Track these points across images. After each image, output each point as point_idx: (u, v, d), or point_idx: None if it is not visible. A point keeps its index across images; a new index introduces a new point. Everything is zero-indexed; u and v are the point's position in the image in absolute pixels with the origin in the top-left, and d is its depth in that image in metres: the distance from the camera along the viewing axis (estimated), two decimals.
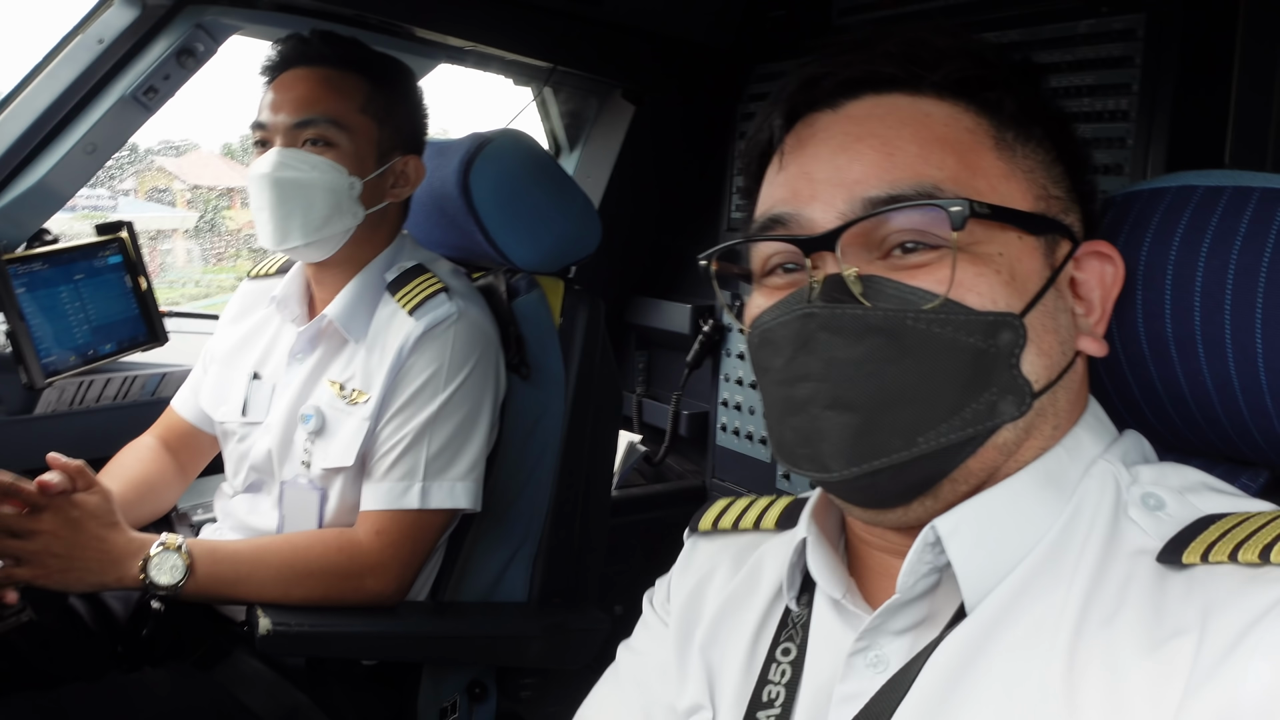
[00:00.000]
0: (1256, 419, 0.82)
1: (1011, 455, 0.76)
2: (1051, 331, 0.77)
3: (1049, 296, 0.77)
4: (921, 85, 0.80)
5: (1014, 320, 0.74)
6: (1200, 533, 0.69)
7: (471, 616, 1.87)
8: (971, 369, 0.73)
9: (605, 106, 2.92)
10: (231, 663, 1.74)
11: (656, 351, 3.14)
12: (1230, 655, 0.61)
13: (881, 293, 0.74)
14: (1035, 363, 0.75)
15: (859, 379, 0.74)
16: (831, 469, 0.75)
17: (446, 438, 1.75)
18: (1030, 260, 0.77)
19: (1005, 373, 0.74)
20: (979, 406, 0.73)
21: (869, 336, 0.74)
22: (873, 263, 0.76)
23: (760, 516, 1.01)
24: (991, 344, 0.73)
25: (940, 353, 0.73)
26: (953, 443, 0.73)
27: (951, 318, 0.73)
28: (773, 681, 0.85)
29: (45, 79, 2.03)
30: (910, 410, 0.73)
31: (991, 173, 0.77)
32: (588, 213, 2.04)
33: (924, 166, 0.76)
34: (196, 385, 2.03)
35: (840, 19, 2.55)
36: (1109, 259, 0.82)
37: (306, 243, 1.76)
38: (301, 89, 1.76)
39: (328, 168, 1.74)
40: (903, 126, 0.78)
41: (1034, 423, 0.76)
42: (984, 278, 0.74)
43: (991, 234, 0.75)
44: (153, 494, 1.92)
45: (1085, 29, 2.03)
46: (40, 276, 2.02)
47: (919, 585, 0.76)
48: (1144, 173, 1.95)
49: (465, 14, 2.33)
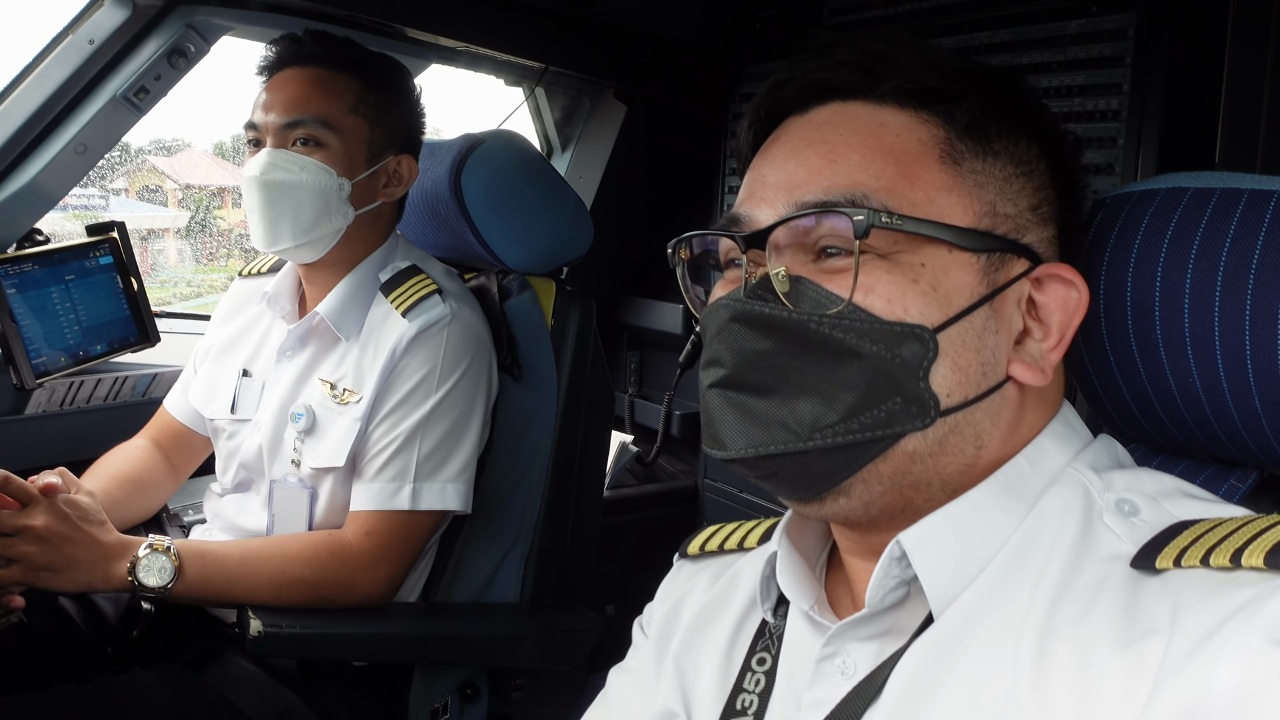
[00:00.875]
0: (1245, 420, 0.83)
1: (926, 465, 0.76)
2: (973, 350, 0.76)
3: (978, 315, 0.76)
4: (880, 94, 0.80)
5: (923, 333, 0.74)
6: (1174, 538, 0.69)
7: (463, 617, 1.87)
8: (873, 375, 0.74)
9: (597, 107, 2.92)
10: (222, 664, 1.74)
11: (648, 352, 3.14)
12: (1198, 653, 0.61)
13: (802, 294, 0.76)
14: (948, 378, 0.75)
15: (760, 368, 0.77)
16: (728, 448, 0.78)
17: (438, 439, 1.75)
18: (960, 275, 0.76)
19: (912, 383, 0.74)
20: (879, 413, 0.74)
21: (774, 334, 0.76)
22: (806, 265, 0.78)
23: (744, 538, 1.03)
24: (896, 354, 0.74)
25: (840, 356, 0.74)
26: (850, 443, 0.74)
27: (854, 324, 0.74)
28: (747, 690, 0.86)
29: (36, 79, 2.03)
30: (806, 405, 0.75)
31: (931, 185, 0.77)
32: (579, 213, 2.04)
33: (862, 175, 0.77)
34: (187, 384, 2.03)
35: (831, 19, 2.56)
36: (1072, 285, 0.80)
37: (296, 244, 1.76)
38: (292, 89, 1.76)
39: (316, 169, 1.73)
40: (853, 134, 0.79)
41: (947, 438, 0.76)
42: (897, 285, 0.75)
43: (916, 245, 0.75)
44: (140, 493, 1.92)
45: (1076, 29, 2.03)
46: (31, 277, 2.01)
47: (888, 599, 0.77)
48: (1135, 172, 1.95)
49: (457, 14, 2.33)
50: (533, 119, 2.99)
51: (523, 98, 2.82)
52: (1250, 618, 0.61)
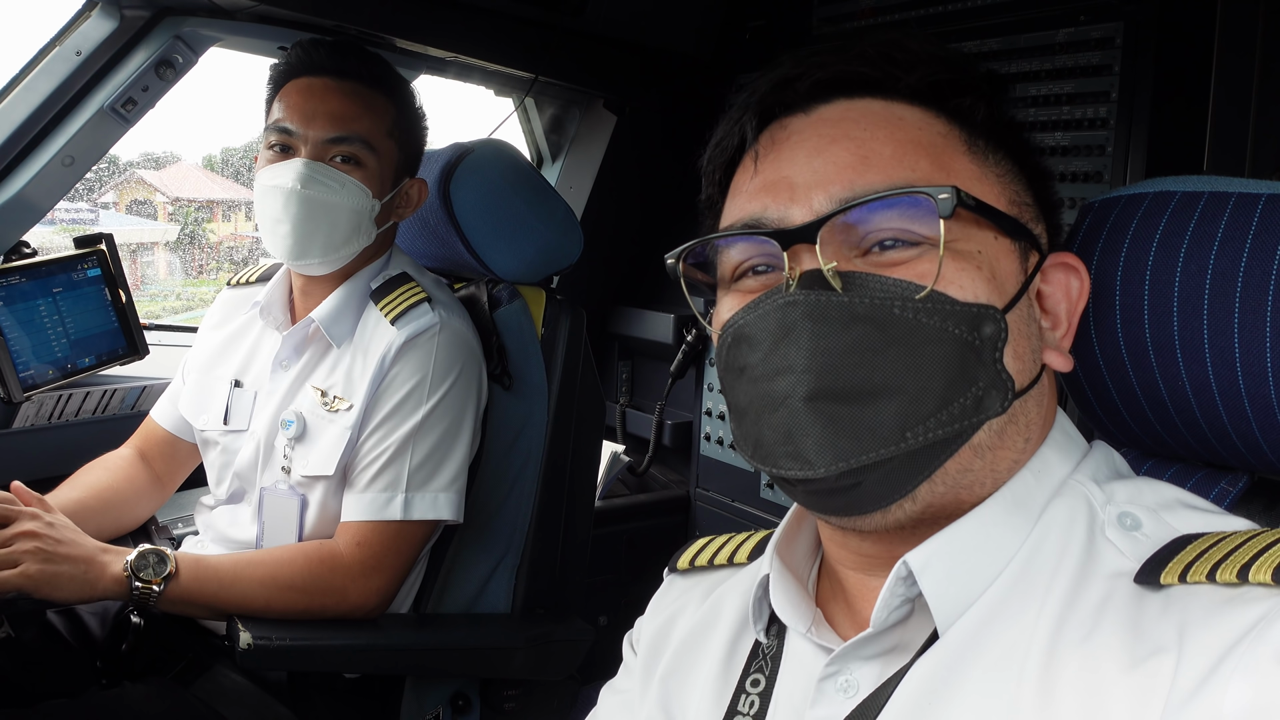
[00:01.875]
0: (1235, 423, 0.82)
1: (985, 460, 0.75)
2: (1025, 337, 0.77)
3: (1024, 302, 0.77)
4: (894, 89, 0.80)
5: (996, 314, 0.74)
6: (1177, 553, 0.68)
7: (454, 628, 1.86)
8: (959, 361, 0.72)
9: (587, 117, 2.93)
10: (212, 677, 1.73)
11: (640, 361, 3.13)
12: (1211, 677, 0.61)
13: (863, 287, 0.73)
14: (1012, 364, 0.75)
15: (844, 369, 0.72)
16: (816, 465, 0.72)
17: (429, 449, 1.74)
18: (1008, 261, 0.77)
19: (990, 366, 0.73)
20: (966, 401, 0.72)
21: (855, 325, 0.72)
22: (852, 260, 0.76)
23: (734, 552, 1.01)
24: (976, 335, 0.73)
25: (928, 343, 0.72)
26: (940, 439, 0.72)
27: (938, 307, 0.72)
28: (741, 713, 0.85)
29: (23, 91, 2.02)
30: (898, 402, 0.71)
31: (965, 175, 0.77)
32: (570, 223, 2.04)
33: (898, 169, 0.75)
34: (175, 394, 2.02)
35: (819, 29, 2.56)
36: (1075, 271, 0.81)
37: (323, 260, 1.76)
38: (336, 103, 1.74)
39: (355, 188, 1.74)
40: (877, 129, 0.78)
41: (1007, 428, 0.75)
42: (966, 273, 0.74)
43: (970, 231, 0.75)
44: (120, 503, 1.91)
45: (1064, 38, 2.04)
46: (18, 290, 2.00)
47: (892, 617, 0.76)
48: (1124, 179, 1.96)
49: (446, 25, 2.33)
50: (523, 129, 2.99)
51: (513, 107, 2.82)
52: (1260, 638, 0.61)
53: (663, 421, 2.93)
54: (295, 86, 1.76)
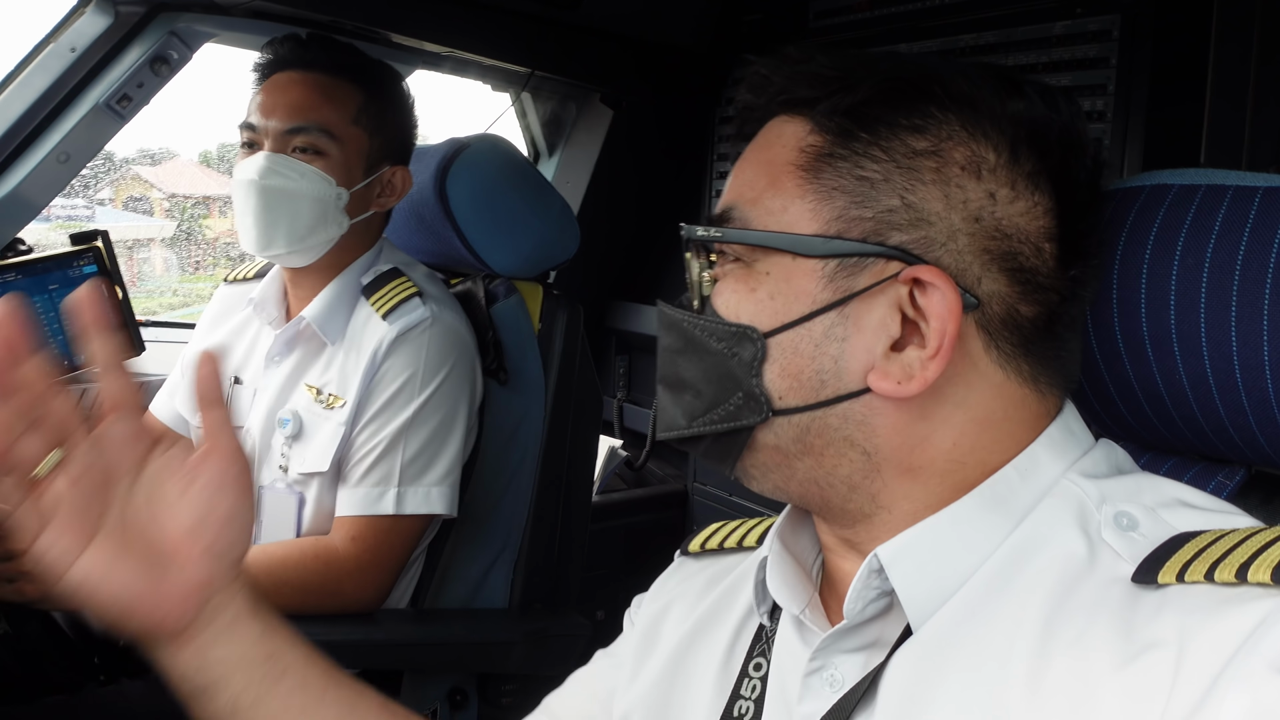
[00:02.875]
0: (1232, 416, 0.82)
1: (806, 463, 0.79)
2: (806, 357, 0.75)
3: (818, 322, 0.75)
4: (775, 106, 0.83)
5: (752, 334, 0.77)
6: (1175, 551, 0.68)
7: (452, 623, 1.87)
8: (723, 371, 0.79)
9: (583, 111, 2.92)
10: None
11: (637, 356, 3.13)
12: (1212, 686, 0.60)
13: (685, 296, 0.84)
14: (777, 382, 0.77)
15: (664, 362, 0.85)
16: (658, 431, 0.87)
17: (422, 443, 1.74)
18: (804, 281, 0.75)
19: (747, 380, 0.78)
20: (730, 406, 0.79)
21: (669, 331, 0.84)
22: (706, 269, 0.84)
23: (744, 537, 1.03)
24: (735, 352, 0.78)
25: (702, 352, 0.81)
26: (714, 432, 0.81)
27: (705, 325, 0.80)
28: (744, 697, 0.86)
29: (17, 87, 2.02)
30: (688, 395, 0.83)
31: (788, 192, 0.78)
32: (566, 217, 2.04)
33: (744, 188, 0.81)
34: (173, 389, 2.02)
35: (816, 21, 2.56)
36: (935, 286, 0.74)
37: (290, 250, 1.75)
38: (295, 94, 1.75)
39: (316, 177, 1.73)
40: (758, 150, 0.82)
41: (807, 440, 0.78)
42: (738, 294, 0.79)
43: (764, 254, 0.78)
44: None
45: (1061, 30, 2.04)
46: (14, 287, 1.99)
47: (867, 610, 0.76)
48: (1120, 172, 1.96)
49: (441, 19, 2.33)
50: (519, 123, 2.98)
51: (509, 102, 2.81)
52: (1258, 644, 0.60)
53: None
54: (264, 85, 1.78)
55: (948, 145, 0.76)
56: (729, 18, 2.75)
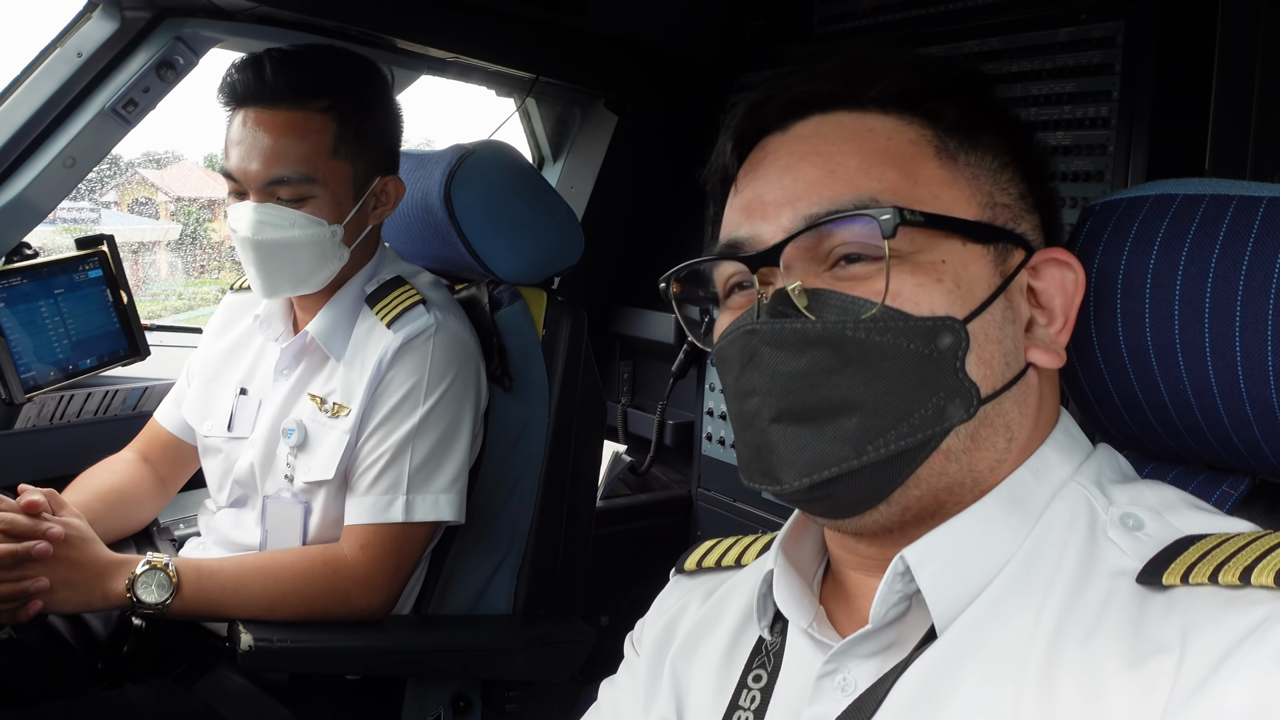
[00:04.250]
0: (1236, 426, 0.82)
1: (961, 463, 0.76)
2: (995, 341, 0.77)
3: (997, 305, 0.77)
4: (863, 101, 0.81)
5: (954, 324, 0.74)
6: (1180, 554, 0.69)
7: (456, 630, 1.87)
8: (916, 374, 0.74)
9: (588, 117, 2.93)
10: (214, 678, 1.73)
11: (641, 361, 3.14)
12: (1211, 678, 0.61)
13: (826, 304, 0.75)
14: (977, 370, 0.75)
15: (802, 390, 0.75)
16: (783, 481, 0.76)
17: (429, 450, 1.74)
18: (977, 267, 0.77)
19: (951, 376, 0.74)
20: (927, 412, 0.74)
21: (809, 349, 0.75)
22: (819, 276, 0.78)
23: (741, 554, 1.03)
24: (933, 348, 0.74)
25: (883, 360, 0.74)
26: (903, 449, 0.74)
27: (890, 324, 0.74)
28: (743, 708, 0.86)
29: (24, 92, 2.03)
30: (857, 419, 0.74)
31: (932, 181, 0.78)
32: (570, 223, 2.04)
33: (864, 180, 0.77)
34: (180, 396, 2.02)
35: (820, 28, 2.56)
36: (1068, 265, 0.81)
37: (296, 291, 1.78)
38: (266, 140, 1.68)
39: (307, 223, 1.71)
40: (845, 142, 0.79)
41: (980, 431, 0.76)
42: (924, 286, 0.75)
43: (934, 242, 0.76)
44: (124, 506, 1.90)
45: (1065, 37, 2.04)
46: (20, 291, 2.00)
47: (890, 613, 0.77)
48: (1125, 179, 1.96)
49: (447, 25, 2.33)
50: (524, 129, 2.99)
51: (514, 108, 2.82)
52: (1262, 639, 0.61)
53: (664, 421, 2.93)
54: (234, 123, 1.72)
55: (1018, 142, 0.84)
56: (733, 24, 2.76)
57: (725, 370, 0.81)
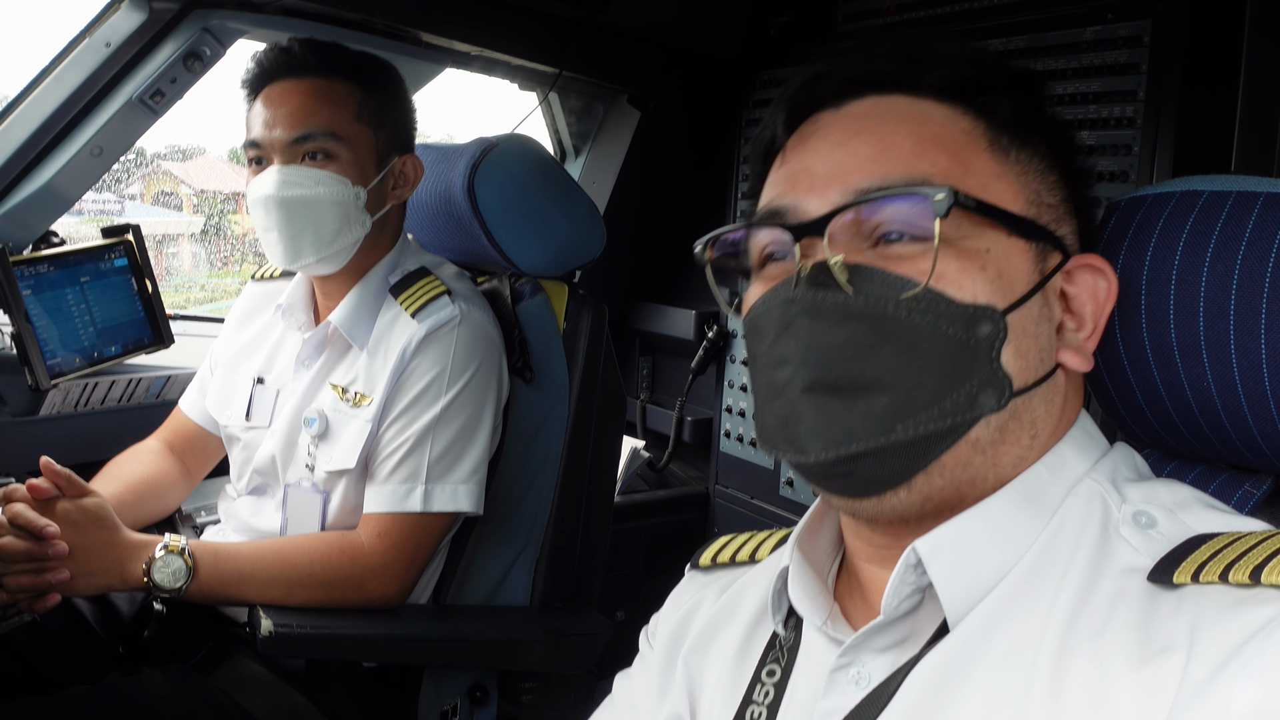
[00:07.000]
0: (1261, 425, 0.82)
1: (986, 456, 0.76)
2: (1031, 337, 0.77)
3: (1034, 302, 0.77)
4: (920, 86, 0.81)
5: (994, 314, 0.74)
6: (1191, 552, 0.69)
7: (473, 620, 1.87)
8: (952, 358, 0.73)
9: (611, 112, 2.93)
10: (231, 666, 1.74)
11: (660, 357, 3.14)
12: (1219, 674, 0.61)
13: (867, 280, 0.75)
14: (1012, 362, 0.75)
15: (837, 362, 0.74)
16: (808, 451, 0.75)
17: (449, 440, 1.75)
18: (1020, 261, 0.77)
19: (986, 365, 0.74)
20: (958, 398, 0.73)
21: (849, 322, 0.74)
22: (862, 251, 0.77)
23: (755, 550, 1.03)
24: (971, 335, 0.74)
25: (920, 341, 0.73)
26: (931, 432, 0.73)
27: (932, 306, 0.73)
28: (756, 702, 0.86)
29: (53, 82, 2.04)
30: (889, 397, 0.73)
31: (983, 172, 0.78)
32: (592, 218, 2.05)
33: (917, 162, 0.77)
34: (203, 386, 2.03)
35: (844, 25, 2.56)
36: (1101, 273, 0.81)
37: (319, 258, 1.76)
38: (293, 102, 1.73)
39: (332, 181, 1.73)
40: (900, 124, 0.79)
41: (1008, 425, 0.76)
42: (968, 272, 0.74)
43: (979, 230, 0.76)
44: (152, 495, 1.92)
45: (1091, 35, 2.03)
46: (46, 279, 2.02)
47: (902, 606, 0.77)
48: (1150, 178, 1.95)
49: (472, 19, 2.34)
50: (546, 124, 2.99)
51: (537, 102, 2.82)
52: (1270, 637, 0.61)
53: (683, 418, 2.93)
54: (258, 101, 1.77)
55: (1063, 147, 0.84)
56: (757, 21, 2.75)
57: (758, 338, 0.80)
